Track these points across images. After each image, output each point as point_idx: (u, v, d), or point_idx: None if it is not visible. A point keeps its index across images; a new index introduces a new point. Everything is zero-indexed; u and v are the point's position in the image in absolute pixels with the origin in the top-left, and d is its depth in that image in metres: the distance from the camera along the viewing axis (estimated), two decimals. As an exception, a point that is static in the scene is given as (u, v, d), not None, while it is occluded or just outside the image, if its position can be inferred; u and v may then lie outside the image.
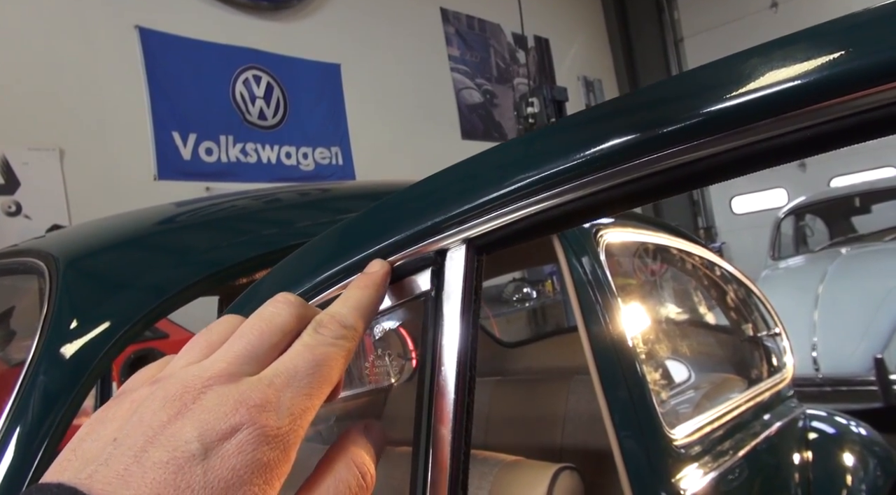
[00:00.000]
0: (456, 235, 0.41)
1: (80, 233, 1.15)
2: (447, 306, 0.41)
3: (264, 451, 0.29)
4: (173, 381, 0.32)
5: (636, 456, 1.24)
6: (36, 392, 0.71)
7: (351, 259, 0.43)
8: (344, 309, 0.38)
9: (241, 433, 0.29)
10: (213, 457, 0.28)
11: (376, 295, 0.40)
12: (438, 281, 0.41)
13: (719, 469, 1.41)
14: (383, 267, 0.43)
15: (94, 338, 0.76)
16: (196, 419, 0.29)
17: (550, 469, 1.23)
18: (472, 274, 0.41)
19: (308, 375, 0.33)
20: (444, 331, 0.40)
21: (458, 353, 0.40)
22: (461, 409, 0.39)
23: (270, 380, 0.32)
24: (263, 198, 1.51)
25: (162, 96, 4.62)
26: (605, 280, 1.33)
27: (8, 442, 0.68)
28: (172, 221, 1.32)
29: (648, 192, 0.41)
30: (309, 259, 0.45)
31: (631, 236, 1.53)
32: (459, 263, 0.41)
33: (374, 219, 0.44)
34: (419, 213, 0.41)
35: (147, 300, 0.85)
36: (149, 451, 0.29)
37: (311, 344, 0.35)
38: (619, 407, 1.24)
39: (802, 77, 0.33)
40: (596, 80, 9.52)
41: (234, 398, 0.30)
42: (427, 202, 0.42)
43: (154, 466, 0.28)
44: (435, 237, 0.41)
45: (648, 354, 1.48)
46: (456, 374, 0.39)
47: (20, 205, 3.88)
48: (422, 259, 0.42)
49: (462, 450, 0.39)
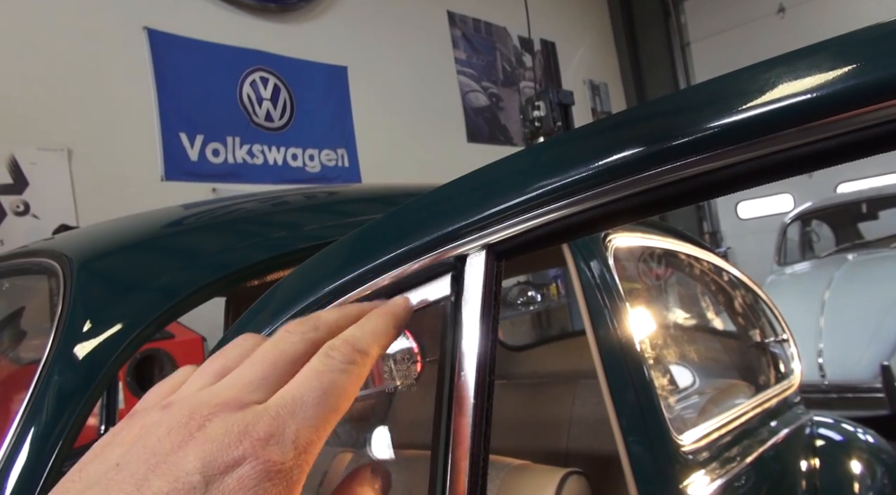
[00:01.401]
0: (476, 241, 0.41)
1: (93, 235, 1.16)
2: (466, 311, 0.41)
3: (266, 487, 0.29)
4: (181, 406, 0.32)
5: (643, 462, 1.23)
6: (50, 392, 0.71)
7: (371, 263, 0.43)
8: (359, 332, 0.37)
9: (245, 466, 0.29)
10: (214, 491, 0.28)
11: (396, 327, 0.39)
12: (458, 286, 0.42)
13: (727, 475, 1.40)
14: (407, 303, 0.41)
15: (108, 339, 0.76)
16: (200, 449, 0.29)
17: (558, 473, 1.23)
18: (491, 279, 0.41)
19: (314, 405, 0.32)
20: (464, 336, 0.41)
21: (477, 358, 0.40)
22: (480, 414, 0.40)
23: (276, 411, 0.31)
24: (273, 200, 1.52)
25: (169, 97, 4.63)
26: (613, 284, 1.33)
27: (23, 441, 0.69)
28: (183, 223, 1.33)
29: (669, 201, 0.41)
30: (329, 262, 0.45)
31: (639, 241, 1.52)
32: (479, 269, 0.41)
33: (394, 224, 0.44)
34: (439, 219, 0.42)
35: (159, 302, 0.85)
36: (150, 479, 0.28)
37: (319, 369, 0.33)
38: (627, 412, 1.24)
39: (817, 90, 0.33)
40: (602, 83, 9.52)
41: (238, 428, 0.30)
42: (447, 207, 0.42)
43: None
44: (455, 242, 0.42)
45: (656, 359, 1.48)
46: (475, 379, 0.40)
47: (28, 205, 3.90)
48: (441, 264, 0.42)
49: (481, 455, 0.39)
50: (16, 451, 0.68)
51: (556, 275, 6.66)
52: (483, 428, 0.40)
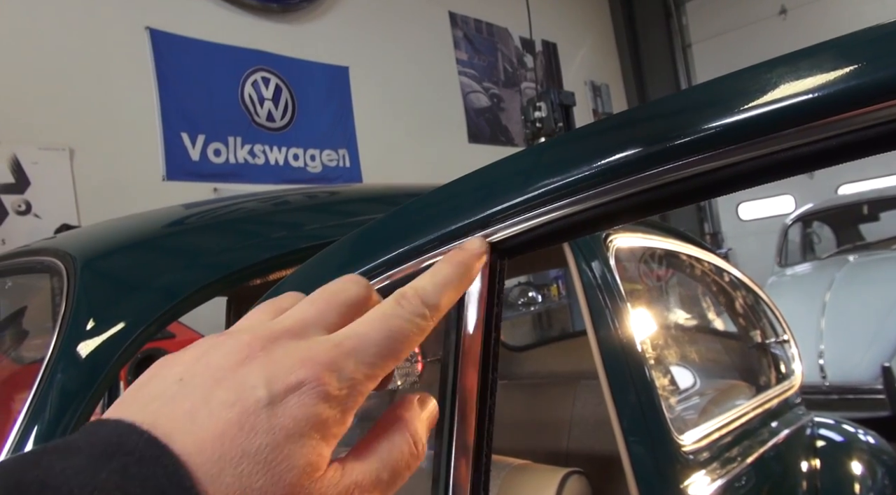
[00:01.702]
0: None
1: (95, 234, 1.16)
2: (469, 309, 0.41)
3: (324, 408, 0.30)
4: (242, 333, 0.32)
5: (644, 462, 1.23)
6: (54, 390, 0.72)
7: (373, 262, 0.44)
8: (430, 285, 0.36)
9: (305, 388, 0.30)
10: (278, 406, 0.29)
11: (467, 277, 0.38)
12: (461, 284, 0.42)
13: (727, 476, 1.41)
14: (482, 246, 0.40)
15: (111, 337, 0.76)
16: (264, 368, 0.30)
17: (559, 473, 1.23)
18: (494, 278, 0.41)
19: (377, 345, 0.33)
20: (467, 335, 0.41)
21: (480, 357, 0.40)
22: (482, 412, 0.40)
23: (340, 342, 0.32)
24: (274, 200, 1.52)
25: (171, 97, 4.64)
26: (614, 284, 1.33)
27: (26, 439, 0.69)
28: (185, 223, 1.33)
29: (671, 200, 0.41)
30: (332, 261, 0.45)
31: (641, 241, 1.53)
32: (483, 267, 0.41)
33: (396, 223, 0.44)
34: (442, 217, 0.42)
35: (162, 301, 0.86)
36: (215, 392, 0.29)
37: (388, 314, 0.34)
38: (628, 412, 1.24)
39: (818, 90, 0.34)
40: (603, 84, 9.52)
41: (301, 353, 0.31)
42: (449, 206, 0.43)
43: (220, 405, 0.28)
44: (457, 241, 0.42)
45: (657, 359, 1.48)
46: (478, 377, 0.40)
47: (30, 204, 3.90)
48: (445, 263, 0.42)
49: (484, 452, 0.39)
50: (20, 447, 0.69)
51: (556, 275, 6.66)
52: (486, 426, 0.40)
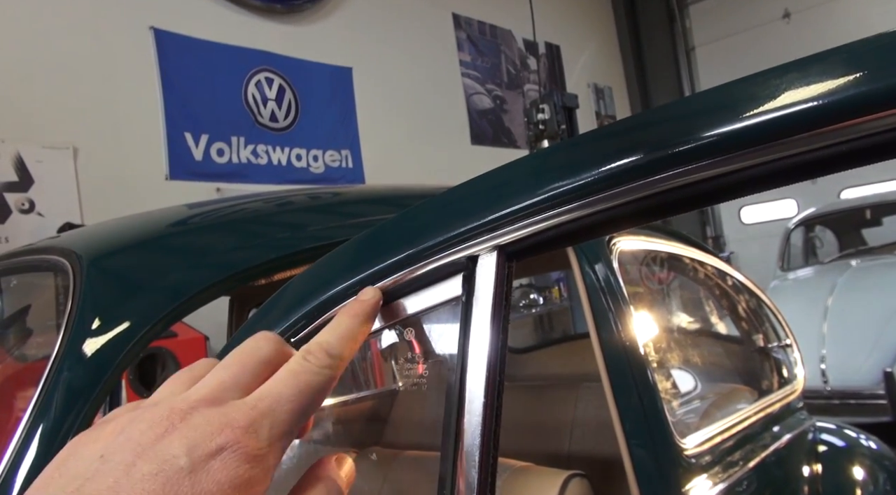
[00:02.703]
0: (487, 242, 0.42)
1: (101, 233, 1.16)
2: (477, 311, 0.41)
3: (246, 469, 0.31)
4: (159, 406, 0.33)
5: (646, 465, 1.23)
6: (60, 389, 0.72)
7: (382, 263, 0.44)
8: (332, 337, 0.39)
9: (226, 452, 0.31)
10: (201, 472, 0.30)
11: (366, 324, 0.41)
12: (469, 286, 0.42)
13: (729, 480, 1.40)
14: (375, 295, 0.43)
15: (117, 336, 0.77)
16: (184, 437, 0.31)
17: (560, 476, 1.23)
18: (502, 280, 0.41)
19: (290, 401, 0.34)
20: (475, 336, 0.41)
21: (487, 358, 0.40)
22: (490, 414, 0.40)
23: (255, 404, 0.33)
24: (278, 200, 1.53)
25: (175, 97, 4.65)
26: (617, 287, 1.33)
27: (32, 437, 0.69)
28: (191, 223, 1.33)
29: (680, 204, 0.42)
30: (341, 262, 0.46)
31: (644, 244, 1.53)
32: (490, 269, 0.41)
33: (406, 224, 0.45)
34: (451, 219, 0.42)
35: (167, 300, 0.86)
36: (138, 465, 0.30)
37: (296, 370, 0.36)
38: (630, 415, 1.24)
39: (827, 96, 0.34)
40: (606, 87, 9.52)
41: (219, 419, 0.32)
42: (459, 208, 0.43)
43: (143, 478, 0.29)
44: (466, 243, 0.42)
45: (660, 363, 1.48)
46: (485, 379, 0.40)
47: (33, 203, 3.91)
48: (453, 264, 0.43)
49: (490, 455, 0.40)
50: (25, 448, 0.69)
51: (558, 277, 6.66)
52: (493, 428, 0.40)
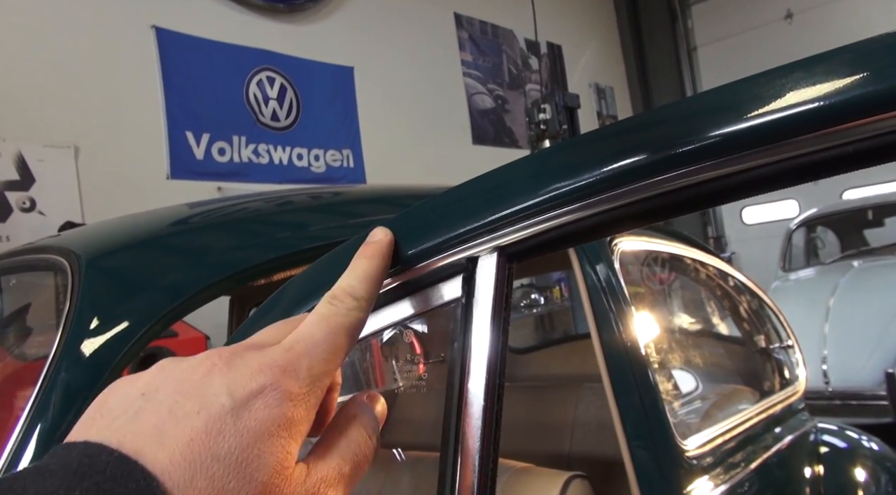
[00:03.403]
0: (487, 243, 0.41)
1: (101, 232, 1.16)
2: (477, 313, 0.41)
3: (288, 407, 0.31)
4: (200, 354, 0.34)
5: (647, 466, 1.23)
6: (58, 388, 0.72)
7: (382, 264, 0.44)
8: (353, 280, 0.40)
9: (267, 393, 0.31)
10: (243, 410, 0.30)
11: (383, 264, 0.42)
12: (469, 287, 0.42)
13: (730, 481, 1.40)
14: (386, 234, 0.43)
15: (116, 336, 0.76)
16: (225, 377, 0.31)
17: (561, 477, 1.23)
18: (502, 281, 0.41)
19: (324, 342, 0.35)
20: (474, 338, 0.41)
21: (487, 360, 0.40)
22: (490, 415, 0.40)
23: (291, 346, 0.34)
24: (279, 200, 1.52)
25: (176, 96, 4.65)
26: (619, 288, 1.32)
27: (30, 437, 0.69)
28: (191, 222, 1.33)
29: (682, 206, 0.41)
30: (340, 262, 0.45)
31: (646, 245, 1.52)
32: (490, 271, 0.41)
33: (406, 225, 0.44)
34: (451, 220, 0.42)
35: (166, 300, 0.86)
36: (179, 402, 0.30)
37: (326, 314, 0.37)
38: (631, 416, 1.24)
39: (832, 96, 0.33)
40: (608, 87, 9.51)
41: (258, 361, 0.33)
42: (459, 209, 0.42)
43: (186, 415, 0.29)
44: (466, 244, 0.42)
45: (661, 363, 1.47)
46: (485, 381, 0.40)
47: (35, 202, 3.91)
48: (453, 265, 0.42)
49: (490, 457, 0.39)
50: (22, 447, 0.69)
51: (559, 278, 6.65)
52: (493, 429, 0.40)
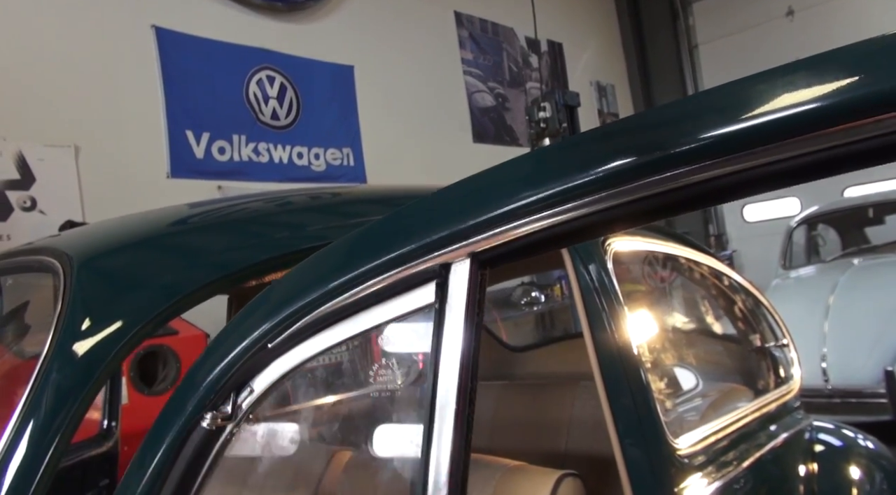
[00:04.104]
0: (460, 250, 0.42)
1: (95, 233, 1.17)
2: (450, 318, 0.42)
3: None
4: None
5: (639, 465, 1.24)
6: (49, 388, 0.73)
7: (358, 270, 0.44)
8: None
9: None
10: None
11: None
12: (442, 293, 0.42)
13: (723, 479, 1.41)
14: None
15: (107, 336, 0.77)
16: None
17: (553, 475, 1.23)
18: (475, 287, 0.42)
19: None
20: (447, 343, 0.41)
21: (460, 364, 0.41)
22: (462, 418, 0.40)
23: None
24: (276, 200, 1.53)
25: (176, 95, 4.66)
26: (611, 288, 1.33)
27: (22, 435, 0.70)
28: (186, 223, 1.34)
29: (656, 210, 0.42)
30: (318, 268, 0.46)
31: (639, 245, 1.53)
32: (463, 277, 0.42)
33: (382, 231, 0.45)
34: (425, 227, 0.43)
35: (160, 300, 0.86)
36: None
37: None
38: (623, 416, 1.24)
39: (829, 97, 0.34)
40: (609, 85, 9.50)
41: None
42: (433, 216, 0.43)
43: None
44: (440, 251, 0.42)
45: (654, 363, 1.48)
46: (458, 384, 0.40)
47: (35, 201, 3.93)
48: (427, 271, 0.43)
49: (462, 457, 0.40)
50: (14, 444, 0.70)
51: (560, 275, 6.65)
52: (465, 431, 0.40)
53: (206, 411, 0.56)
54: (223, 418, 0.56)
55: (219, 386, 0.56)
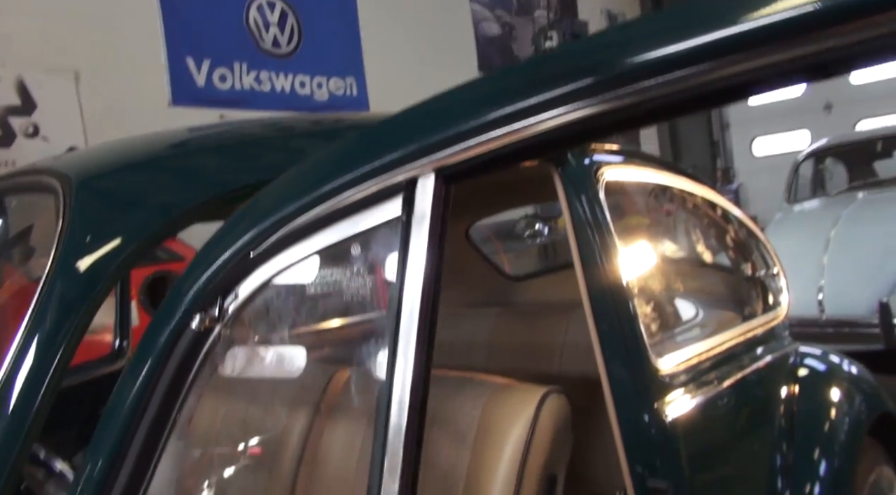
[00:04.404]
0: (426, 165, 0.44)
1: (94, 154, 1.20)
2: (416, 231, 0.44)
3: None
4: None
5: (622, 383, 1.30)
6: (52, 303, 0.77)
7: (332, 184, 0.47)
8: None
9: None
10: None
11: None
12: (409, 207, 0.45)
13: (703, 396, 1.46)
14: None
15: (105, 253, 0.81)
16: None
17: (538, 391, 1.29)
18: (439, 202, 0.44)
19: None
20: (413, 255, 0.44)
21: (424, 274, 0.44)
22: (424, 329, 0.44)
23: None
24: (273, 125, 1.53)
25: (176, 21, 4.56)
26: (602, 218, 1.35)
27: (28, 347, 0.75)
28: (183, 145, 1.36)
29: (623, 123, 0.43)
30: (295, 183, 0.49)
31: (631, 175, 1.54)
32: (428, 191, 0.44)
33: (355, 148, 0.47)
34: (392, 143, 0.45)
35: (155, 218, 0.90)
36: None
37: None
38: (609, 341, 1.30)
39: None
40: (620, 13, 9.21)
41: None
42: (400, 132, 0.45)
43: None
44: (406, 165, 0.45)
45: (642, 290, 1.52)
46: (421, 293, 0.44)
47: (38, 127, 3.93)
48: (394, 186, 0.45)
49: (423, 367, 0.43)
50: (22, 354, 0.74)
51: (564, 207, 6.65)
52: (427, 337, 0.44)
53: (195, 313, 0.61)
54: (210, 320, 0.61)
55: (206, 291, 0.60)
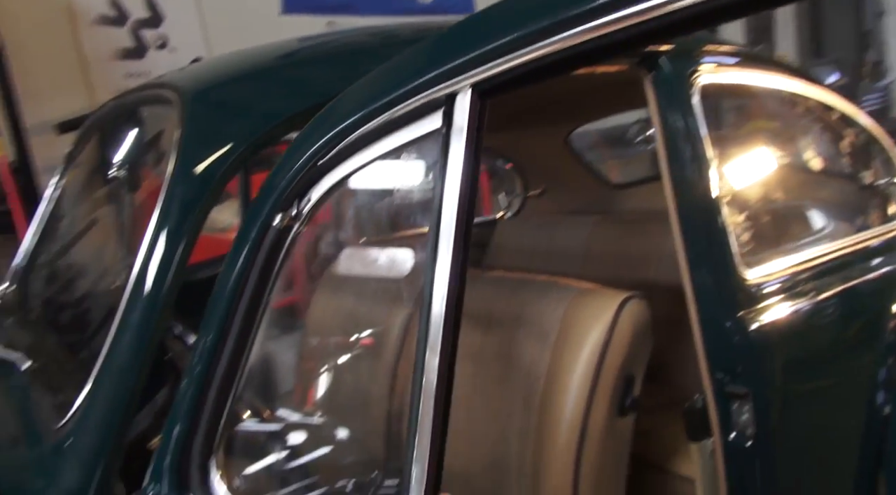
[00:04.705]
0: (464, 81, 0.49)
1: (208, 68, 1.31)
2: (455, 143, 0.50)
3: None
4: None
5: (706, 291, 1.30)
6: (175, 201, 0.91)
7: (380, 101, 0.53)
8: None
9: None
10: None
11: None
12: (448, 120, 0.50)
13: (797, 306, 1.43)
14: None
15: (216, 159, 0.93)
16: None
17: (619, 296, 1.32)
18: (475, 115, 0.49)
19: None
20: (451, 164, 0.50)
21: (460, 182, 0.49)
22: (461, 225, 0.49)
23: None
24: (378, 33, 1.58)
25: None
26: (694, 126, 1.32)
27: (158, 236, 0.89)
28: (289, 56, 1.45)
29: (641, 38, 0.46)
30: (350, 102, 0.55)
31: (732, 78, 1.46)
32: (465, 106, 0.49)
33: (399, 67, 0.53)
34: (434, 62, 0.49)
35: (259, 126, 1.00)
36: None
37: None
38: (694, 249, 1.29)
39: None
40: None
41: None
42: (440, 52, 0.50)
43: None
44: (445, 82, 0.49)
45: (736, 199, 1.47)
46: (458, 199, 0.49)
47: (167, 39, 4.17)
48: (435, 101, 0.51)
49: (459, 262, 0.49)
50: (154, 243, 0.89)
51: (682, 111, 6.29)
52: (463, 234, 0.49)
53: (276, 213, 0.72)
54: (289, 219, 0.71)
55: (284, 195, 0.70)
